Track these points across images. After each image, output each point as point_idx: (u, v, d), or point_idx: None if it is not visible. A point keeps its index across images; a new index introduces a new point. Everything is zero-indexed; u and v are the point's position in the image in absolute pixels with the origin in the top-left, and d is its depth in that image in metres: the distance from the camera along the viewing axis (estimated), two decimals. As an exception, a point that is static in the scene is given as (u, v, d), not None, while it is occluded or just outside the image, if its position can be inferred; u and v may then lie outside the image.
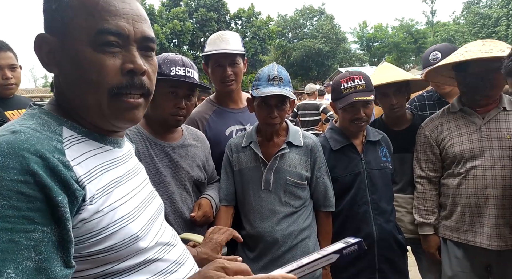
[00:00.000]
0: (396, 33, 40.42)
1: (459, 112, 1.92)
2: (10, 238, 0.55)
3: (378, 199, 1.84)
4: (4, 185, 0.57)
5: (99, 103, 0.73)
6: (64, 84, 0.76)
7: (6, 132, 0.63)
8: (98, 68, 0.71)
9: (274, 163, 1.72)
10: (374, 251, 1.80)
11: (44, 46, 0.74)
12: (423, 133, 2.01)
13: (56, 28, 0.73)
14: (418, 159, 2.03)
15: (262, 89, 1.65)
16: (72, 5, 0.71)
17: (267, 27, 26.33)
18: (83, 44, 0.71)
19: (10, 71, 2.07)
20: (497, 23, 29.33)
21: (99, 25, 0.71)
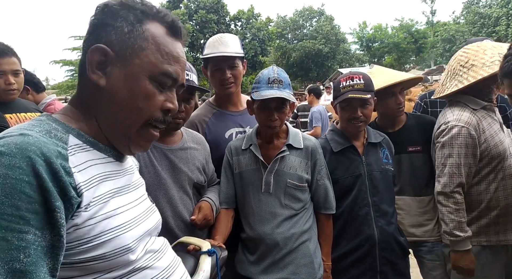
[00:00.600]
0: (396, 33, 40.41)
1: (482, 110, 1.84)
2: (3, 236, 0.56)
3: (379, 201, 1.83)
4: (8, 182, 0.58)
5: (130, 127, 0.80)
6: (105, 98, 0.79)
7: (15, 134, 0.65)
8: (148, 99, 0.79)
9: (274, 165, 1.71)
10: (376, 254, 1.79)
11: (97, 55, 0.77)
12: (467, 134, 1.78)
13: (120, 47, 0.78)
14: (458, 164, 1.78)
15: (262, 92, 1.64)
16: (147, 38, 0.79)
17: (266, 29, 26.42)
18: (144, 74, 0.79)
19: (13, 76, 2.08)
20: (497, 22, 29.34)
21: (164, 67, 0.80)
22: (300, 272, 1.66)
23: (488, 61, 1.78)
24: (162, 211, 1.50)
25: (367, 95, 1.77)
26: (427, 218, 2.07)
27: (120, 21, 0.78)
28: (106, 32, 0.78)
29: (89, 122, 0.80)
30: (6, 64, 2.05)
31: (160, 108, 0.82)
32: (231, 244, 1.64)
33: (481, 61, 1.80)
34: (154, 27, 0.81)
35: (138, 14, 0.80)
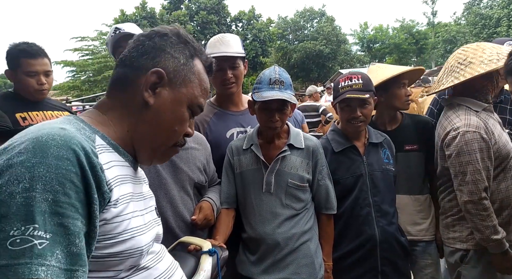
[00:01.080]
0: (397, 34, 40.40)
1: (483, 112, 1.84)
2: (61, 222, 0.61)
3: (380, 201, 1.82)
4: (60, 172, 0.62)
5: (162, 145, 0.90)
6: (148, 116, 0.86)
7: (55, 127, 0.69)
8: (183, 125, 0.90)
9: (275, 165, 1.71)
10: (377, 254, 1.79)
11: (154, 77, 0.85)
12: (480, 138, 1.74)
13: (174, 75, 0.87)
14: (478, 169, 1.74)
15: (263, 93, 1.64)
16: (194, 73, 0.91)
17: (267, 29, 26.43)
18: (185, 102, 0.89)
19: (44, 77, 2.16)
20: (498, 23, 29.31)
21: (201, 100, 0.92)
22: (301, 272, 1.65)
23: (486, 59, 1.77)
24: (162, 211, 1.50)
25: (365, 95, 1.77)
26: (422, 216, 2.07)
27: (179, 53, 0.89)
28: (165, 58, 0.87)
29: (118, 130, 0.86)
30: (39, 65, 2.12)
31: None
32: (232, 244, 1.64)
33: (479, 59, 1.79)
34: (199, 64, 0.93)
35: (192, 50, 0.92)
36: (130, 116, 0.86)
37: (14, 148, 0.64)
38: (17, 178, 0.59)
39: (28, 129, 0.70)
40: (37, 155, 0.62)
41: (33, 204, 0.58)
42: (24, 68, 2.09)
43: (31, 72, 2.10)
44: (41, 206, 0.59)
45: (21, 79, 2.11)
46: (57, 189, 0.61)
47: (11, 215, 0.57)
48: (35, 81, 2.11)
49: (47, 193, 0.60)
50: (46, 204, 0.60)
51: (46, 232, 0.58)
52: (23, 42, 2.13)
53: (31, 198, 0.58)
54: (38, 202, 0.59)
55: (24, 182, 0.59)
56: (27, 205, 0.58)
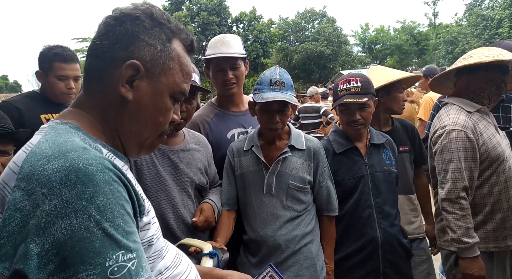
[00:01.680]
0: (398, 35, 40.44)
1: (476, 113, 1.83)
2: (135, 239, 0.66)
3: (382, 202, 1.81)
4: (117, 196, 0.64)
5: (148, 138, 0.85)
6: (129, 111, 0.80)
7: (78, 148, 0.66)
8: (166, 114, 0.85)
9: (276, 167, 1.70)
10: (379, 256, 1.77)
11: (130, 71, 0.78)
12: (465, 137, 1.75)
13: (152, 64, 0.80)
14: (459, 168, 1.74)
15: (263, 94, 1.63)
16: (173, 58, 0.83)
17: (268, 31, 26.46)
18: (167, 91, 0.83)
19: (74, 82, 2.22)
20: (500, 24, 29.27)
21: (183, 86, 0.86)
22: (302, 274, 1.64)
23: (484, 54, 1.78)
24: (163, 213, 1.49)
25: (363, 99, 1.76)
26: (414, 215, 2.18)
27: (154, 38, 0.80)
28: (139, 47, 0.79)
29: (106, 130, 0.81)
30: (71, 70, 2.20)
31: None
32: (233, 246, 1.63)
33: (479, 54, 1.81)
34: (178, 46, 0.85)
35: (168, 33, 0.83)
36: (113, 113, 0.81)
37: (45, 178, 0.61)
38: (85, 213, 0.60)
39: (41, 152, 0.65)
40: (89, 185, 0.61)
41: (112, 233, 0.61)
42: (56, 71, 2.16)
43: (62, 76, 2.17)
44: (118, 231, 0.62)
45: (51, 81, 2.18)
46: (121, 212, 0.64)
47: (100, 249, 0.59)
48: (64, 85, 2.18)
49: (117, 218, 0.63)
50: (121, 229, 0.63)
51: (132, 252, 0.63)
52: (57, 45, 2.21)
53: (107, 228, 0.61)
54: (114, 229, 0.62)
55: (94, 214, 0.60)
56: (107, 235, 0.61)
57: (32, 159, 0.64)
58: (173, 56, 0.83)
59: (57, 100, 2.22)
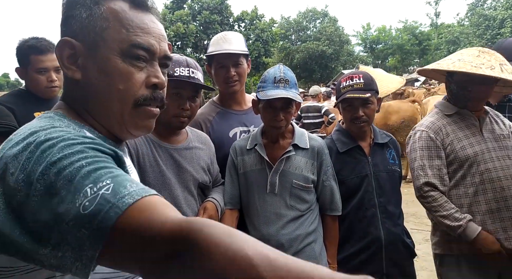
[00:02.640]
0: (399, 35, 40.36)
1: (456, 115, 1.86)
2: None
3: (386, 202, 1.80)
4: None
5: (121, 112, 0.76)
6: (86, 90, 0.76)
7: (46, 127, 0.65)
8: (126, 79, 0.75)
9: (280, 166, 1.69)
10: (382, 255, 1.76)
11: (66, 50, 0.75)
12: (426, 137, 1.84)
13: (83, 34, 0.74)
14: (423, 165, 1.82)
15: (267, 91, 1.62)
16: (106, 17, 0.74)
17: (270, 30, 26.36)
18: (114, 55, 0.74)
19: (55, 73, 2.08)
20: (502, 24, 29.19)
21: (132, 39, 0.75)
22: (305, 274, 1.63)
23: (475, 62, 1.74)
24: (166, 211, 1.48)
25: (366, 94, 1.75)
26: None
27: (77, 8, 0.74)
28: (69, 24, 0.75)
29: (89, 118, 0.77)
30: (49, 61, 2.04)
31: (145, 86, 0.77)
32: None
33: (469, 59, 1.78)
34: (114, 5, 0.76)
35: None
36: (78, 98, 0.77)
37: (6, 159, 0.60)
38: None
39: (15, 137, 0.64)
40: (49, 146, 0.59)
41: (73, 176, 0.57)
42: (34, 65, 2.02)
43: (41, 69, 2.03)
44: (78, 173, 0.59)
45: (32, 76, 2.04)
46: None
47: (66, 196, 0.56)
48: (45, 78, 2.05)
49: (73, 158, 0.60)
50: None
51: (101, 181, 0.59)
52: (32, 37, 2.06)
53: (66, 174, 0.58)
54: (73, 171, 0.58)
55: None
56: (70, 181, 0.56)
57: (6, 145, 0.63)
58: (106, 16, 0.74)
59: (42, 95, 2.08)
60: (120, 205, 0.51)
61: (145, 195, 0.53)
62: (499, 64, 1.70)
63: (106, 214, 0.51)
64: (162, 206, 0.53)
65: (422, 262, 3.49)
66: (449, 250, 1.86)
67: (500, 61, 1.72)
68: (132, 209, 0.51)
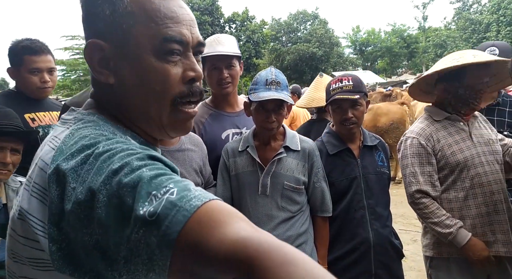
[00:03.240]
0: (388, 38, 40.85)
1: (445, 121, 1.88)
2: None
3: (375, 203, 1.83)
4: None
5: (160, 115, 0.70)
6: (121, 95, 0.70)
7: (100, 140, 0.61)
8: (163, 78, 0.68)
9: (271, 167, 1.70)
10: (371, 256, 1.79)
11: (96, 53, 0.68)
12: (417, 143, 1.85)
13: (111, 34, 0.67)
14: (413, 172, 1.84)
15: (259, 93, 1.64)
16: (132, 11, 0.67)
17: (261, 31, 26.47)
18: (146, 53, 0.67)
19: (48, 74, 2.09)
20: (488, 28, 29.80)
21: (163, 33, 0.67)
22: (296, 275, 1.64)
23: (443, 61, 1.81)
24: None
25: (355, 96, 1.78)
26: None
27: (100, 4, 0.67)
28: (93, 24, 0.68)
29: (128, 122, 0.72)
30: (43, 62, 2.05)
31: (181, 82, 0.70)
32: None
33: (442, 61, 1.84)
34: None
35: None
36: (115, 102, 0.71)
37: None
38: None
39: (67, 149, 0.59)
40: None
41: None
42: (27, 65, 2.02)
43: (34, 70, 2.04)
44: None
45: (24, 77, 2.04)
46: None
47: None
48: (38, 78, 2.05)
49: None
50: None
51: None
52: (26, 38, 2.07)
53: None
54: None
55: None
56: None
57: (58, 156, 0.59)
58: (131, 10, 0.66)
59: (34, 96, 2.08)
60: (188, 208, 0.48)
61: (212, 198, 0.50)
62: (472, 56, 1.73)
63: (174, 218, 0.47)
64: (225, 214, 0.49)
65: (411, 262, 3.55)
66: (439, 253, 1.88)
67: (473, 54, 1.76)
68: (199, 213, 0.48)
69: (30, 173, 0.65)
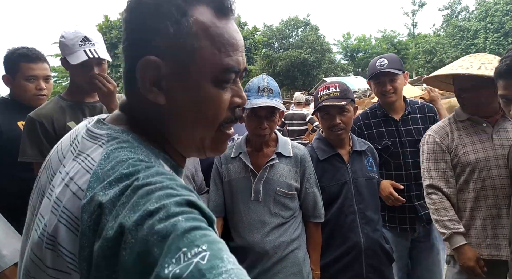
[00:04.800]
0: (379, 44, 41.38)
1: (467, 121, 1.90)
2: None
3: (365, 208, 1.86)
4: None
5: (204, 137, 0.68)
6: (168, 115, 0.66)
7: (139, 170, 0.56)
8: (217, 105, 0.66)
9: (264, 174, 1.72)
10: (362, 260, 1.81)
11: (151, 70, 0.62)
12: (432, 140, 1.93)
13: (171, 54, 0.63)
14: (428, 168, 1.91)
15: (252, 100, 1.66)
16: (196, 33, 0.62)
17: (253, 37, 26.56)
18: (206, 79, 0.64)
19: (44, 82, 2.09)
20: (476, 35, 30.34)
21: (226, 62, 0.64)
22: (289, 280, 1.66)
23: (451, 67, 1.87)
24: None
25: (342, 102, 1.82)
26: None
27: (163, 20, 0.61)
28: (151, 38, 0.62)
29: (161, 141, 0.68)
30: (39, 70, 2.06)
31: (229, 107, 0.68)
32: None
33: (450, 65, 1.90)
34: (201, 15, 0.63)
35: (180, 3, 0.62)
36: (156, 121, 0.67)
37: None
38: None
39: (104, 175, 0.55)
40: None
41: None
42: (23, 72, 2.03)
43: (30, 77, 2.04)
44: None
45: (20, 84, 2.04)
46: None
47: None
48: (34, 86, 2.05)
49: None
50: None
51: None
52: (22, 46, 2.08)
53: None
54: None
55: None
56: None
57: (94, 184, 0.55)
58: (195, 32, 0.62)
59: (29, 103, 2.06)
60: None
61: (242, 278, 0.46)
62: (480, 63, 1.75)
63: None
64: None
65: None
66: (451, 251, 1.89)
67: (483, 61, 1.77)
68: None
69: (58, 193, 0.58)
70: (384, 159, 2.15)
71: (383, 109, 2.27)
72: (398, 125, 2.22)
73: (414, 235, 2.21)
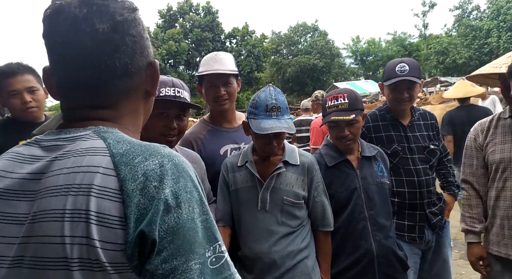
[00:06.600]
0: (389, 47, 41.05)
1: (509, 119, 1.86)
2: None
3: (376, 214, 1.81)
4: (204, 192, 0.69)
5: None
6: (146, 108, 0.91)
7: (159, 147, 0.68)
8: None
9: (271, 182, 1.70)
10: (375, 268, 1.76)
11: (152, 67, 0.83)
12: (469, 136, 1.99)
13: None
14: (464, 163, 2.01)
15: (260, 122, 1.60)
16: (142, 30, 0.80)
17: (261, 45, 26.69)
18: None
19: (29, 94, 2.02)
20: (488, 34, 29.84)
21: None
22: (299, 290, 1.62)
23: (492, 65, 1.88)
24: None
25: (350, 116, 1.77)
26: None
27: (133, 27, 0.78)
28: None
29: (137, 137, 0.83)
30: (18, 83, 1.98)
31: None
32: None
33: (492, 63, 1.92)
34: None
35: (131, 5, 0.78)
36: (133, 118, 0.82)
37: (152, 172, 0.63)
38: (190, 205, 0.63)
39: (127, 152, 0.64)
40: (188, 179, 0.65)
41: (209, 225, 0.65)
42: (6, 89, 1.98)
43: (12, 92, 1.98)
44: (212, 224, 0.66)
45: (7, 102, 2.01)
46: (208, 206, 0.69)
47: (202, 239, 0.62)
48: (18, 101, 1.99)
49: (210, 212, 0.67)
50: (214, 222, 0.67)
51: (223, 244, 0.67)
52: (4, 64, 2.03)
53: (206, 221, 0.65)
54: (210, 221, 0.65)
55: (195, 207, 0.64)
56: (206, 228, 0.64)
57: (124, 160, 0.62)
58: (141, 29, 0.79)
59: (23, 118, 2.03)
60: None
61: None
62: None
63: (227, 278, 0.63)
64: None
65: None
66: (486, 248, 1.94)
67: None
68: None
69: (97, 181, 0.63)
70: (393, 165, 2.09)
71: (393, 114, 2.18)
72: (407, 131, 2.14)
73: (422, 243, 2.12)
